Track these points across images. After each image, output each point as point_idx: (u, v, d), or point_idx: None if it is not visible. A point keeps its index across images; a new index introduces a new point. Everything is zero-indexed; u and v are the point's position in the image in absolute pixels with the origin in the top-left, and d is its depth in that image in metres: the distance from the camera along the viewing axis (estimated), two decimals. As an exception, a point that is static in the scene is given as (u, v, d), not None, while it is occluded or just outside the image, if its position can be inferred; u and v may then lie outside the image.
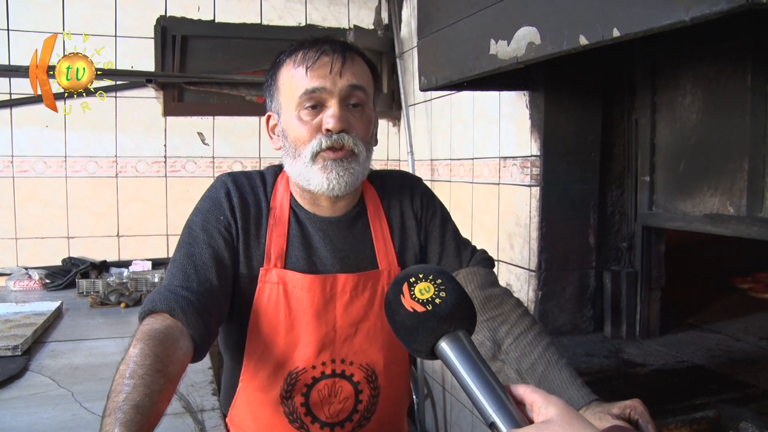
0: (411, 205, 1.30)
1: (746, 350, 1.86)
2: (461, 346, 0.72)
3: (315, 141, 1.13)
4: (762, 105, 1.52)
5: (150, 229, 3.09)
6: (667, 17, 0.94)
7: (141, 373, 0.87)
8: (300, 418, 1.20)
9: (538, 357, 1.10)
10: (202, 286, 1.10)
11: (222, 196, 1.19)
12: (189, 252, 1.13)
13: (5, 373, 1.63)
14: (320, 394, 1.19)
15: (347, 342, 1.20)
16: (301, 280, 1.17)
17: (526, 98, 2.07)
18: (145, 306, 1.04)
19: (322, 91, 1.13)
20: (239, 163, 3.19)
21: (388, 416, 1.28)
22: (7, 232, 2.90)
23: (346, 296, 1.19)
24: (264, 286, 1.17)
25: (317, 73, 1.13)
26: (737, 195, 1.60)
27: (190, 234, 1.16)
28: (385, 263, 1.24)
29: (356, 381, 1.21)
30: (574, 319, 2.06)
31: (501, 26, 1.41)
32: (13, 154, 2.88)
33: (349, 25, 3.25)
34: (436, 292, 0.75)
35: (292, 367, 1.18)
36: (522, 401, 0.70)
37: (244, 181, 1.23)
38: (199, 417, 1.39)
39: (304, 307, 1.17)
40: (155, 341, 0.94)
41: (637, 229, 2.02)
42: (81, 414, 1.41)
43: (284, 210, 1.22)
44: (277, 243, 1.19)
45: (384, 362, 1.23)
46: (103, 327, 2.21)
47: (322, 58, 1.14)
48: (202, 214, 1.18)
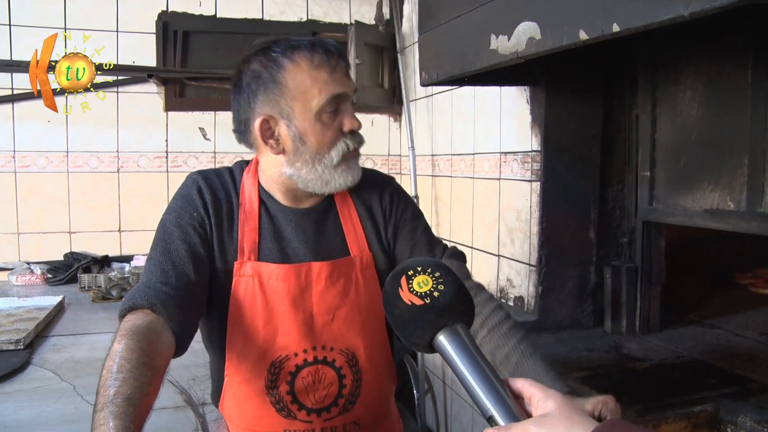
0: (380, 201, 1.32)
1: (746, 345, 1.86)
2: (459, 339, 0.72)
3: (341, 144, 1.18)
4: (762, 100, 1.51)
5: (151, 224, 3.05)
6: (667, 12, 0.94)
7: (129, 367, 0.88)
8: (287, 406, 1.21)
9: (512, 349, 1.11)
10: (181, 281, 1.11)
11: (194, 194, 1.21)
12: (165, 249, 1.15)
13: (8, 366, 1.65)
14: (304, 381, 1.21)
15: (326, 328, 1.22)
16: (276, 270, 1.19)
17: (526, 93, 2.07)
18: (126, 303, 1.05)
19: (346, 96, 1.18)
20: (240, 158, 3.17)
21: (373, 399, 1.29)
22: (9, 226, 2.91)
23: (321, 284, 1.21)
24: (240, 280, 1.19)
25: (337, 77, 1.16)
26: (737, 190, 1.60)
27: (165, 231, 1.17)
28: (356, 250, 1.26)
29: (338, 366, 1.23)
30: (574, 314, 2.07)
31: (501, 21, 1.41)
32: (15, 149, 2.89)
33: (350, 21, 3.25)
34: (434, 285, 0.75)
35: (274, 356, 1.20)
36: (520, 395, 0.70)
37: (215, 178, 1.25)
38: (200, 410, 1.40)
39: (280, 296, 1.19)
40: (139, 336, 0.95)
41: (638, 224, 2.02)
42: (83, 407, 1.42)
43: (253, 204, 1.23)
44: (249, 236, 1.20)
45: (364, 346, 1.25)
46: (104, 321, 2.23)
47: (332, 61, 1.16)
48: (176, 211, 1.19)
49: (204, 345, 1.32)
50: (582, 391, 1.50)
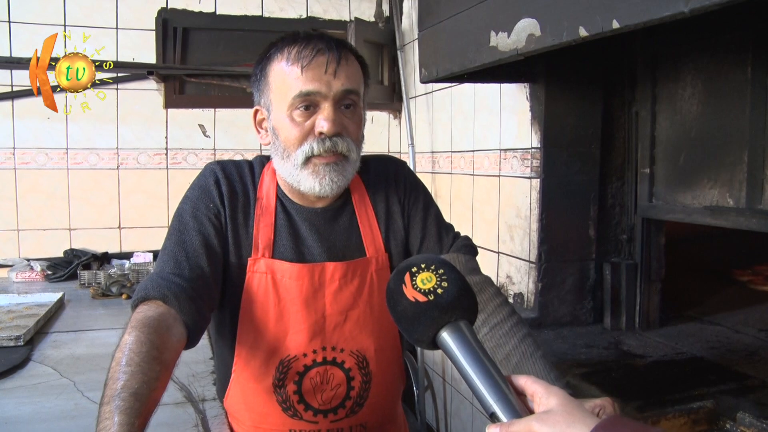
0: (396, 190, 1.30)
1: (745, 342, 1.87)
2: (462, 336, 0.72)
3: (307, 145, 1.12)
4: (762, 97, 1.52)
5: (151, 220, 3.10)
6: (667, 8, 0.94)
7: (137, 361, 0.87)
8: (293, 405, 1.20)
9: (513, 348, 1.10)
10: (194, 273, 1.09)
11: (211, 184, 1.19)
12: (179, 239, 1.13)
13: (8, 362, 1.65)
14: (312, 381, 1.20)
15: (337, 329, 1.20)
16: (290, 269, 1.18)
17: (526, 90, 2.07)
18: (138, 294, 1.04)
19: (316, 95, 1.11)
20: (240, 155, 3.19)
21: (381, 402, 1.28)
22: (9, 223, 2.91)
23: (335, 284, 1.19)
24: (253, 276, 1.18)
25: (312, 75, 1.10)
26: (737, 187, 1.60)
27: (180, 221, 1.16)
28: (372, 250, 1.24)
29: (347, 368, 1.21)
30: (574, 310, 2.07)
31: (501, 18, 1.41)
32: (14, 146, 2.89)
33: (350, 18, 3.25)
34: (438, 282, 0.74)
35: (283, 355, 1.18)
36: (523, 392, 0.70)
37: (233, 169, 1.23)
38: (200, 407, 1.40)
39: (293, 295, 1.18)
40: (150, 328, 0.94)
41: (637, 221, 2.02)
42: (83, 403, 1.43)
43: (271, 200, 1.22)
44: (265, 233, 1.19)
45: (375, 348, 1.23)
46: (104, 318, 2.23)
47: (317, 58, 1.11)
48: (192, 201, 1.18)
49: (212, 339, 1.32)
50: (581, 387, 1.51)
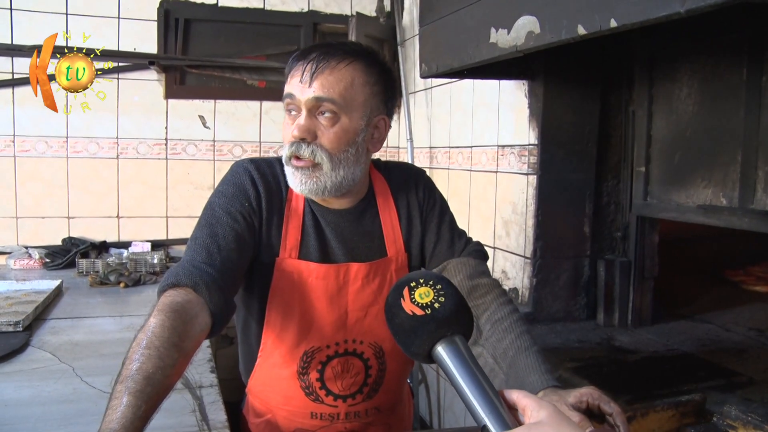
0: (416, 195, 1.36)
1: (735, 340, 1.89)
2: (457, 350, 0.74)
3: (287, 147, 1.18)
4: (756, 98, 1.54)
5: (150, 210, 3.12)
6: (664, 9, 0.96)
7: (157, 345, 0.89)
8: (315, 391, 1.28)
9: (510, 343, 1.14)
10: (225, 266, 1.11)
11: (248, 183, 1.21)
12: (212, 232, 1.14)
13: (7, 347, 1.66)
14: (334, 370, 1.28)
15: (358, 323, 1.27)
16: (316, 269, 1.23)
17: (525, 87, 2.09)
18: (168, 279, 1.05)
19: (293, 98, 1.16)
20: (239, 147, 3.20)
21: (394, 387, 1.38)
22: (8, 211, 2.92)
23: (357, 283, 1.26)
24: (281, 275, 1.22)
25: (292, 80, 1.17)
26: (730, 186, 1.62)
27: (213, 215, 1.17)
28: (393, 250, 1.31)
29: (366, 358, 1.30)
30: (567, 306, 2.09)
31: (501, 15, 1.43)
32: (14, 134, 2.89)
33: (352, 12, 3.25)
34: (435, 296, 0.76)
35: (307, 346, 1.26)
36: (515, 406, 0.71)
37: (267, 169, 1.26)
38: (197, 393, 1.42)
39: (318, 294, 1.24)
40: (175, 314, 0.95)
41: (632, 219, 2.04)
42: (82, 388, 1.44)
43: (299, 201, 1.26)
44: (293, 234, 1.23)
45: (390, 340, 1.27)
46: (102, 306, 2.24)
47: (300, 65, 1.16)
48: (227, 197, 1.20)
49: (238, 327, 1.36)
50: (573, 381, 1.53)
